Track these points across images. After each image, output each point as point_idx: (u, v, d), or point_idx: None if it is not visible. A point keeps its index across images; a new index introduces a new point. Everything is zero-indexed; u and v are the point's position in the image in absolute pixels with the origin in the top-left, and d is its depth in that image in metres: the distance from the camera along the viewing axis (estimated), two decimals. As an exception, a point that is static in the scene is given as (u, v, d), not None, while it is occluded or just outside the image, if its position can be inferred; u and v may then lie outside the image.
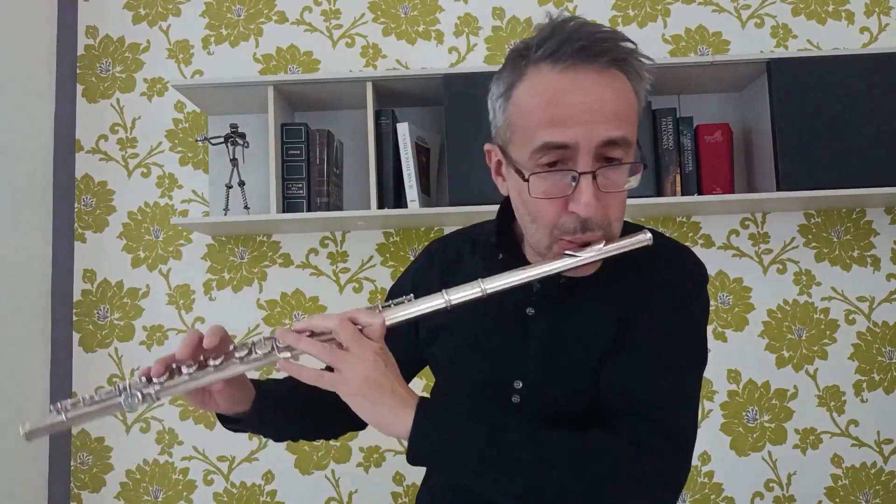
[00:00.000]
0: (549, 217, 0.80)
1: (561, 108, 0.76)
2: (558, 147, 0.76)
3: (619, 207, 0.81)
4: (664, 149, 1.82)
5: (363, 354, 0.76)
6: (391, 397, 0.75)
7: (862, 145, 1.72)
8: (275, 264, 2.01)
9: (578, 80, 0.76)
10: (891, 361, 1.95)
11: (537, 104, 0.77)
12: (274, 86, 1.80)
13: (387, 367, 0.77)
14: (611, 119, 0.76)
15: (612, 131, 0.76)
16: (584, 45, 0.76)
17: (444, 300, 0.80)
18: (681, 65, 1.80)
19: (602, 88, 0.76)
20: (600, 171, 0.77)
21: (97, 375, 1.99)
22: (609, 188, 0.78)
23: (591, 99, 0.76)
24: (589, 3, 2.06)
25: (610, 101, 0.76)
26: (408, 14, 2.07)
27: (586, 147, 0.76)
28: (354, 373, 0.75)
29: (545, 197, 0.78)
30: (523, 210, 0.83)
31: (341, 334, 0.77)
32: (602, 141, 0.76)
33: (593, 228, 0.78)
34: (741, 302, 1.97)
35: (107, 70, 2.07)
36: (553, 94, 0.76)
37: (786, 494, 1.93)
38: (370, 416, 0.76)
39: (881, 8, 2.04)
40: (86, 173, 2.04)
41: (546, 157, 0.77)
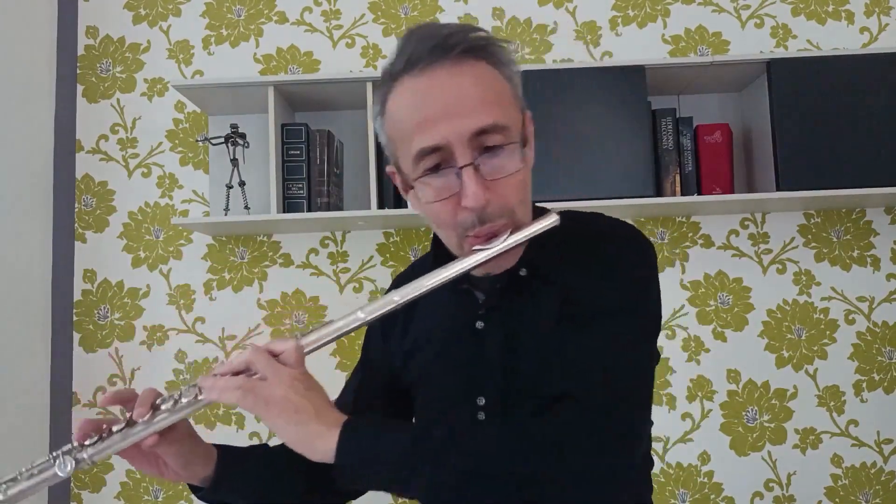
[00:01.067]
0: (447, 218, 0.79)
1: (424, 110, 0.75)
2: (433, 150, 0.75)
3: (517, 191, 0.79)
4: (664, 149, 1.82)
5: (280, 378, 0.74)
6: (314, 419, 0.72)
7: (862, 145, 1.72)
8: (275, 264, 2.01)
9: (435, 77, 0.76)
10: (891, 361, 1.95)
11: (405, 112, 0.78)
12: (274, 86, 1.80)
13: (308, 390, 0.74)
14: (476, 108, 0.75)
15: (479, 121, 0.75)
16: (434, 43, 0.75)
17: (360, 317, 0.79)
18: (681, 65, 1.80)
19: (460, 79, 0.75)
20: (481, 160, 0.75)
21: (97, 375, 1.99)
22: (495, 175, 0.76)
23: (451, 93, 0.75)
24: (589, 3, 2.06)
25: (471, 89, 0.75)
26: (408, 14, 2.07)
27: (458, 141, 0.74)
28: (270, 397, 0.72)
29: (437, 199, 0.78)
30: (429, 218, 0.83)
31: (256, 364, 0.75)
32: (472, 132, 0.75)
33: (493, 219, 0.77)
34: (741, 302, 1.98)
35: (107, 70, 2.07)
36: (415, 98, 0.77)
37: (786, 494, 1.93)
38: (293, 439, 0.73)
39: (881, 8, 2.04)
40: (86, 173, 2.04)
41: (426, 162, 0.76)
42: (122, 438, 0.76)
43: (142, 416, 0.76)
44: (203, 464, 0.84)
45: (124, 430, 0.76)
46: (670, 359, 1.97)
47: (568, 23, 2.06)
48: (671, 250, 1.99)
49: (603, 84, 1.76)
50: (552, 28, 2.04)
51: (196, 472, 0.83)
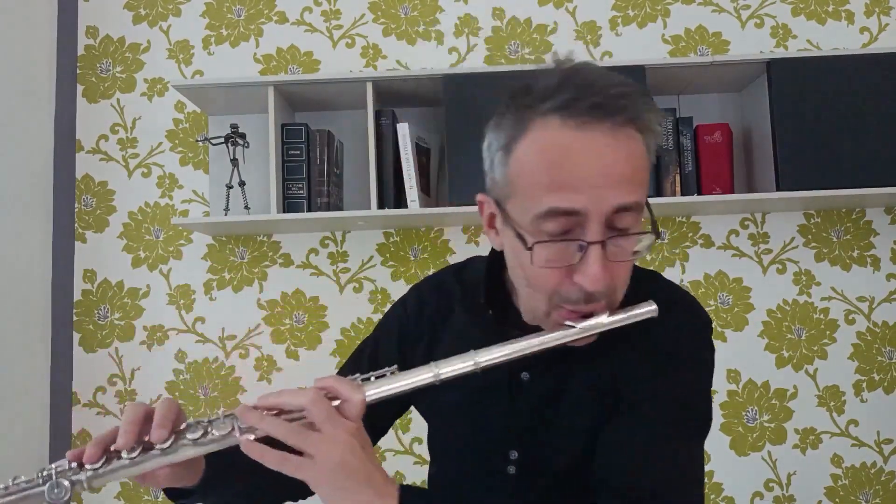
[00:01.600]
0: (550, 285, 0.73)
1: (571, 170, 0.68)
2: (566, 213, 0.69)
3: (626, 275, 0.74)
4: (664, 149, 1.82)
5: (337, 436, 0.66)
6: (367, 486, 0.66)
7: (862, 145, 1.72)
8: (275, 264, 2.01)
9: (590, 139, 0.68)
10: (891, 361, 1.95)
11: (544, 164, 0.69)
12: (274, 86, 1.80)
13: (363, 449, 0.67)
14: (623, 183, 0.69)
15: (624, 197, 0.69)
16: (599, 101, 0.68)
17: (432, 374, 0.72)
18: (681, 65, 1.80)
19: (615, 150, 0.68)
20: (610, 241, 0.69)
21: (97, 375, 1.99)
22: (618, 257, 0.71)
23: (604, 162, 0.68)
24: (589, 3, 2.06)
25: (623, 163, 0.69)
26: (408, 14, 2.07)
27: (597, 215, 0.68)
28: (326, 458, 0.65)
29: (549, 265, 0.71)
30: (520, 273, 0.76)
31: (314, 413, 0.67)
32: (614, 208, 0.68)
33: (598, 299, 0.72)
34: (741, 302, 1.98)
35: (107, 70, 2.07)
36: (562, 155, 0.68)
37: (786, 494, 1.93)
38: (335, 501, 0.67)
39: (881, 8, 2.04)
40: (86, 173, 2.04)
41: (551, 224, 0.69)
42: (131, 464, 0.66)
43: (161, 441, 0.67)
44: (189, 474, 0.76)
45: (136, 457, 0.66)
46: (670, 359, 1.97)
47: (568, 23, 2.06)
48: (671, 250, 1.99)
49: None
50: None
51: (183, 481, 0.76)
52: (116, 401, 1.99)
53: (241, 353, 1.99)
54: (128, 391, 1.99)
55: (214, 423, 0.68)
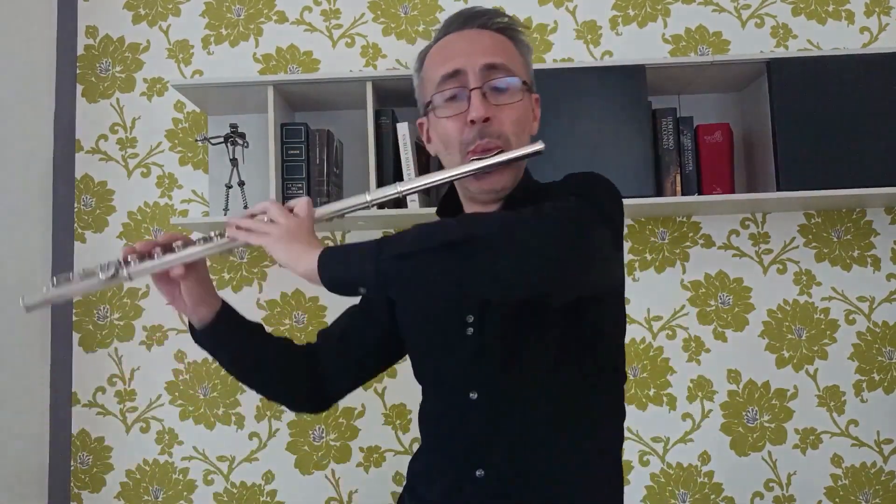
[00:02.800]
0: (454, 134, 0.96)
1: (450, 49, 0.98)
2: (451, 75, 0.95)
3: (514, 123, 0.96)
4: (664, 149, 1.82)
5: (290, 221, 0.90)
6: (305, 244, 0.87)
7: (862, 145, 1.72)
8: (274, 264, 2.01)
9: (464, 33, 0.99)
10: (891, 361, 1.95)
11: (435, 58, 1.00)
12: (274, 86, 1.80)
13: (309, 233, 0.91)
14: (489, 50, 0.96)
15: (491, 57, 0.95)
16: (467, 15, 1.00)
17: (367, 199, 0.96)
18: (681, 65, 1.80)
19: (481, 36, 0.98)
20: (486, 86, 0.94)
21: (97, 375, 1.99)
22: (499, 101, 0.95)
23: (472, 40, 0.98)
24: (589, 3, 2.06)
25: (488, 41, 0.98)
26: (408, 14, 2.07)
27: (471, 69, 0.94)
28: (280, 231, 0.89)
29: (449, 116, 0.96)
30: (440, 145, 1.00)
31: (271, 210, 0.92)
32: (483, 64, 0.94)
33: (490, 136, 0.93)
34: (741, 302, 1.97)
35: (107, 70, 2.07)
36: (446, 46, 0.99)
37: (786, 494, 1.93)
38: (286, 258, 0.87)
39: (881, 8, 2.04)
40: (86, 173, 2.04)
41: (445, 86, 0.96)
42: (157, 261, 0.92)
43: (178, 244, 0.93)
44: (208, 309, 1.01)
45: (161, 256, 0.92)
46: (670, 359, 1.97)
47: (568, 22, 2.06)
48: (671, 250, 1.99)
49: (603, 84, 1.76)
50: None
51: (200, 314, 1.00)
52: (116, 401, 1.99)
53: (241, 353, 1.99)
54: (127, 391, 1.99)
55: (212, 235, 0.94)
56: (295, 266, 0.86)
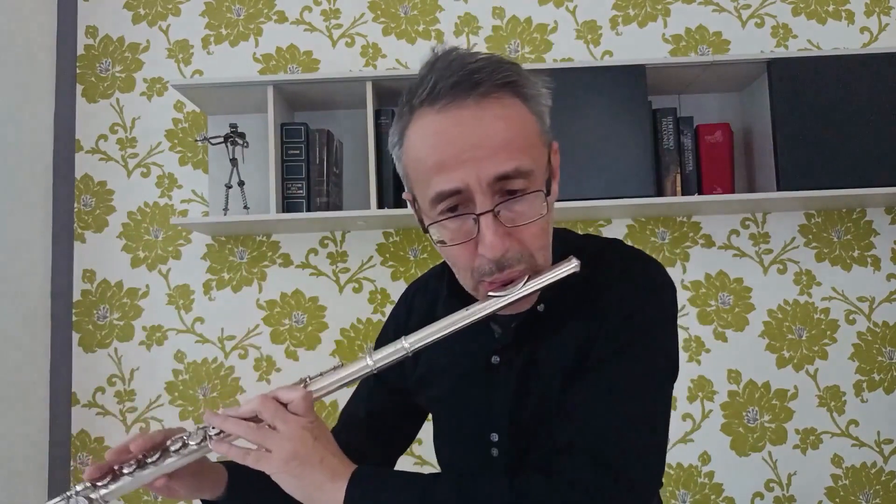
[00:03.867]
0: (463, 262, 0.77)
1: (444, 151, 0.72)
2: (451, 194, 0.73)
3: (538, 237, 0.76)
4: (664, 149, 1.82)
5: (289, 431, 0.73)
6: (319, 470, 0.73)
7: (862, 145, 1.72)
8: (274, 264, 2.01)
9: (456, 117, 0.72)
10: (891, 361, 1.95)
11: (424, 150, 0.74)
12: (274, 86, 1.80)
13: (316, 440, 0.74)
14: (498, 152, 0.71)
15: (501, 165, 0.71)
16: (456, 80, 0.72)
17: (368, 364, 0.78)
18: (681, 65, 1.80)
19: (484, 122, 0.72)
20: (502, 207, 0.73)
21: (97, 375, 1.99)
22: (516, 221, 0.74)
23: (473, 135, 0.71)
24: (589, 3, 2.06)
25: (494, 131, 0.72)
26: (408, 14, 2.07)
27: (477, 187, 0.72)
28: (280, 449, 0.73)
29: (452, 244, 0.76)
30: (445, 258, 0.81)
31: (264, 413, 0.75)
32: (493, 177, 0.71)
33: (512, 265, 0.75)
34: (741, 302, 1.97)
35: (106, 70, 2.07)
36: (435, 137, 0.73)
37: (786, 494, 1.93)
38: (296, 491, 0.73)
39: (881, 8, 2.04)
40: (86, 173, 2.04)
41: (444, 205, 0.74)
42: (133, 480, 0.78)
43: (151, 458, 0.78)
44: (212, 487, 0.85)
45: (135, 473, 0.78)
46: (670, 359, 1.96)
47: (568, 22, 2.06)
48: (672, 250, 1.99)
49: (603, 84, 1.76)
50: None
51: (206, 495, 0.85)
52: (116, 401, 1.98)
53: (241, 354, 1.99)
54: (127, 391, 1.98)
55: (191, 435, 0.78)
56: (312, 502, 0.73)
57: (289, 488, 0.73)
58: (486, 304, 0.77)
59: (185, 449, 0.78)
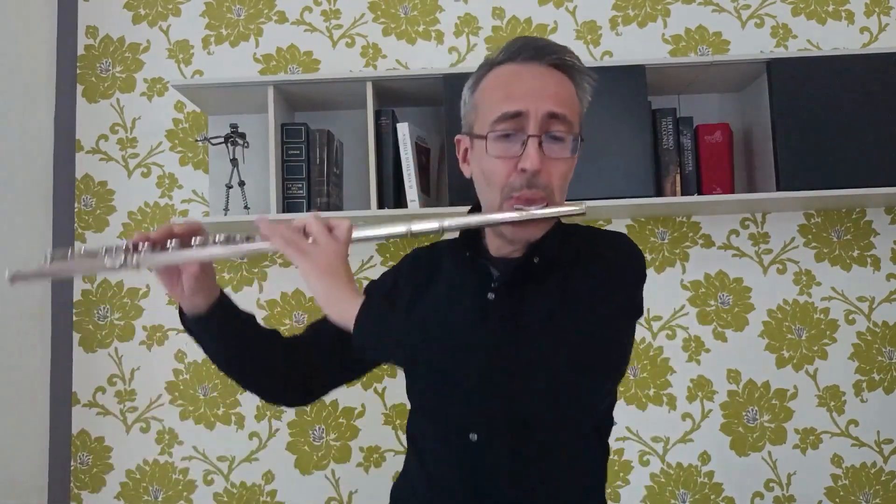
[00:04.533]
0: (500, 176, 0.94)
1: (515, 86, 0.94)
2: (512, 116, 0.92)
3: (561, 177, 0.95)
4: (664, 149, 1.82)
5: (329, 245, 0.88)
6: (346, 285, 0.87)
7: (862, 145, 1.72)
8: (275, 264, 2.01)
9: (530, 68, 0.95)
10: (891, 361, 1.95)
11: (497, 85, 0.96)
12: (274, 86, 1.80)
13: (345, 264, 0.89)
14: (554, 98, 0.93)
15: (555, 106, 0.93)
16: (538, 47, 0.96)
17: (406, 228, 0.92)
18: (681, 65, 1.80)
19: (548, 77, 0.95)
20: (545, 138, 0.93)
21: (97, 375, 1.99)
22: (553, 154, 0.93)
23: (540, 82, 0.94)
24: (589, 3, 2.06)
25: (554, 86, 0.95)
26: (408, 14, 2.07)
27: (534, 115, 0.92)
28: (319, 257, 0.87)
29: (499, 156, 0.94)
30: (481, 178, 0.98)
31: (313, 227, 0.89)
32: (547, 112, 0.92)
33: (537, 187, 0.93)
34: (741, 302, 1.97)
35: (107, 70, 2.07)
36: (510, 76, 0.96)
37: (786, 494, 1.93)
38: (323, 296, 0.87)
39: (881, 8, 2.04)
40: (86, 173, 2.04)
41: (503, 125, 0.93)
42: (171, 253, 0.88)
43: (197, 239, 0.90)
44: (205, 299, 0.96)
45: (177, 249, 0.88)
46: (670, 359, 1.97)
47: (568, 22, 2.06)
48: (671, 250, 1.99)
49: (603, 84, 1.74)
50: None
51: (195, 303, 0.96)
52: (116, 401, 1.99)
53: (241, 353, 1.99)
54: (127, 391, 1.99)
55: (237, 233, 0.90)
56: (330, 310, 0.87)
57: (315, 291, 0.87)
58: (510, 214, 0.93)
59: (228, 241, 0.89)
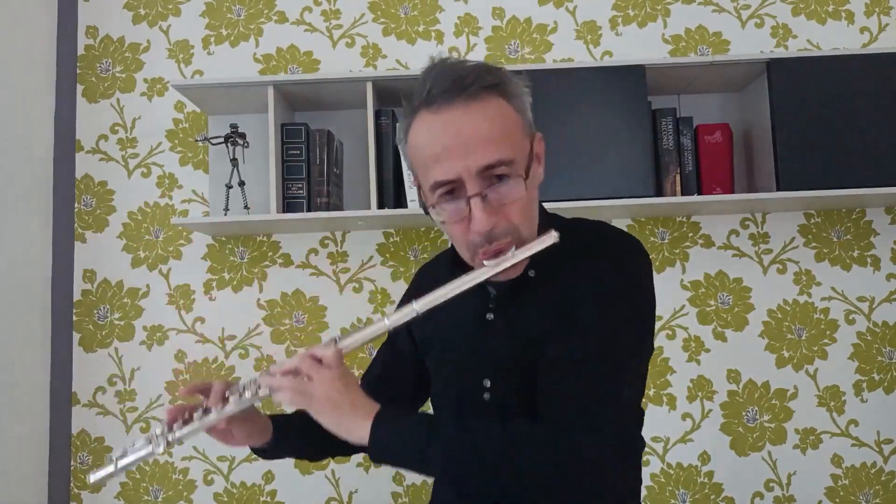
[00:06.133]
0: (460, 237, 0.92)
1: (439, 145, 0.87)
2: (446, 182, 0.87)
3: (521, 214, 0.90)
4: (664, 149, 1.82)
5: (322, 378, 0.89)
6: (350, 411, 0.88)
7: (862, 145, 1.72)
8: (275, 264, 2.01)
9: (448, 117, 0.87)
10: (891, 361, 1.95)
11: (423, 146, 0.89)
12: (274, 86, 1.80)
13: (346, 386, 0.89)
14: (484, 146, 0.86)
15: (486, 158, 0.86)
16: (447, 86, 0.87)
17: (386, 324, 0.92)
18: (681, 65, 1.80)
19: (471, 119, 0.86)
20: (489, 190, 0.87)
21: (97, 375, 1.99)
22: (502, 201, 0.88)
23: (461, 134, 0.86)
24: (589, 3, 2.06)
25: (481, 128, 0.86)
26: (408, 14, 2.07)
27: (467, 176, 0.86)
28: (317, 393, 0.88)
29: (451, 222, 0.90)
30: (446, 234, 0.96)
31: (302, 367, 0.91)
32: (479, 167, 0.86)
33: (499, 237, 0.89)
34: (741, 302, 1.97)
35: (107, 70, 2.07)
36: (431, 136, 0.88)
37: (786, 494, 1.93)
38: (332, 426, 0.88)
39: (881, 8, 2.04)
40: (86, 173, 2.04)
41: (441, 190, 0.88)
42: (200, 423, 0.96)
43: (215, 406, 0.96)
44: (261, 434, 1.04)
45: (202, 417, 0.96)
46: (670, 359, 1.97)
47: (568, 22, 2.06)
48: (671, 250, 1.99)
49: (603, 84, 1.76)
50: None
51: (256, 441, 1.05)
52: (116, 401, 1.99)
53: (241, 354, 1.99)
54: (127, 391, 1.99)
55: (246, 385, 0.95)
56: (346, 436, 0.88)
57: (328, 425, 0.88)
58: (481, 272, 0.90)
59: (241, 398, 0.95)
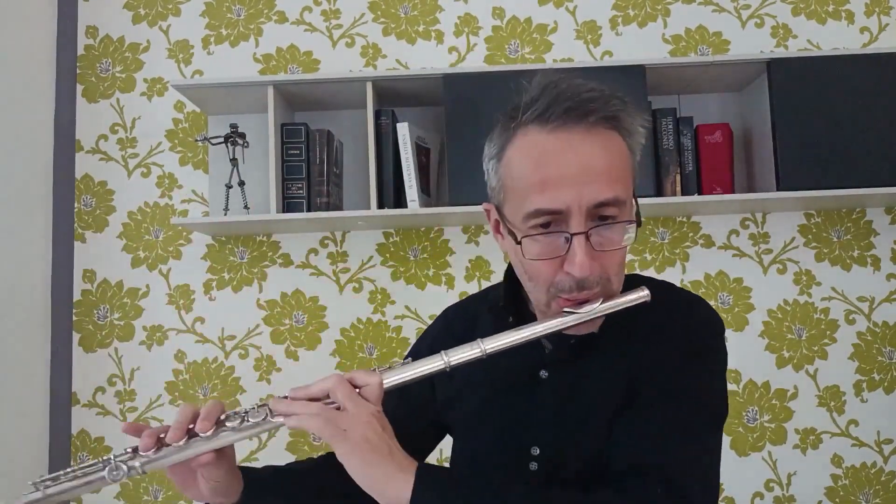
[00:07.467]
0: (545, 276, 0.79)
1: (550, 170, 0.76)
2: (551, 212, 0.76)
3: (617, 264, 0.80)
4: (664, 149, 1.82)
5: (360, 414, 0.73)
6: (388, 460, 0.72)
7: (862, 145, 1.72)
8: (275, 264, 2.01)
9: (566, 140, 0.76)
10: (891, 361, 1.95)
11: (527, 166, 0.77)
12: (274, 86, 1.80)
13: (385, 429, 0.74)
14: (601, 180, 0.76)
15: (602, 193, 0.75)
16: (571, 105, 0.76)
17: (443, 362, 0.79)
18: (681, 65, 1.80)
19: (591, 148, 0.76)
20: (594, 231, 0.76)
21: (97, 375, 1.99)
22: (604, 246, 0.77)
23: (581, 160, 0.75)
24: (589, 3, 2.06)
25: (599, 160, 0.76)
26: (408, 14, 2.07)
27: (577, 210, 0.75)
28: (354, 432, 0.72)
29: (539, 258, 0.78)
30: (521, 269, 0.83)
31: (338, 393, 0.75)
32: (593, 203, 0.75)
33: (590, 286, 0.78)
34: (741, 302, 1.97)
35: (107, 70, 2.07)
36: (542, 156, 0.76)
37: (786, 494, 1.93)
38: (363, 477, 0.71)
39: (881, 8, 2.04)
40: (86, 173, 2.04)
41: (538, 220, 0.77)
42: (178, 451, 0.74)
43: (205, 431, 0.74)
44: (229, 493, 0.82)
45: (184, 443, 0.74)
46: (670, 359, 1.96)
47: (568, 22, 2.06)
48: (671, 250, 1.99)
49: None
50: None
51: (222, 498, 0.82)
52: (116, 401, 1.98)
53: (241, 354, 1.99)
54: (127, 391, 1.99)
55: (250, 412, 0.76)
56: (376, 490, 0.71)
57: (356, 473, 0.71)
58: (562, 320, 0.79)
59: (242, 424, 0.75)
